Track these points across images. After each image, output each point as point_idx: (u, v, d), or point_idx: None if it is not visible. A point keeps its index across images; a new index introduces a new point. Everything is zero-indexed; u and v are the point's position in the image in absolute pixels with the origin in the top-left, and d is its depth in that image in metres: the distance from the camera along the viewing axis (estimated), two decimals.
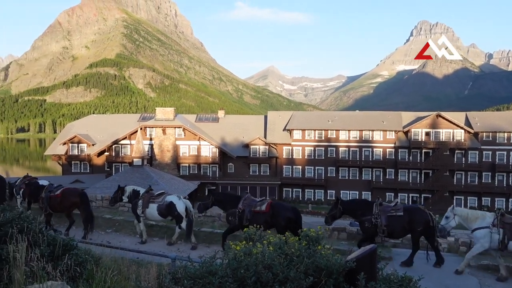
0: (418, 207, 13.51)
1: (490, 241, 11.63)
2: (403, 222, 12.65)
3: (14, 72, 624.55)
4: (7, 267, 4.87)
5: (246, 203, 13.67)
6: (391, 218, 12.71)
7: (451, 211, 12.38)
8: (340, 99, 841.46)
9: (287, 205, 14.55)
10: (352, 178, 61.54)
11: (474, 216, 12.25)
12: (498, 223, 11.61)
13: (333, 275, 4.05)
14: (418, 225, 12.56)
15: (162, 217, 15.16)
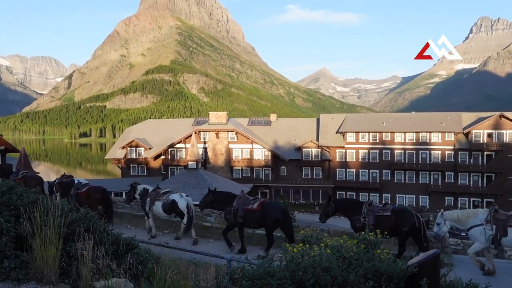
0: (405, 208, 13.97)
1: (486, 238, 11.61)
2: (390, 222, 12.93)
3: (77, 80, 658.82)
4: (75, 263, 5.12)
5: (240, 201, 14.21)
6: (379, 218, 13.10)
7: (441, 216, 12.38)
8: (395, 101, 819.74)
9: (278, 206, 14.68)
10: (409, 181, 59.64)
11: (465, 216, 12.27)
12: (491, 219, 11.59)
13: (394, 280, 3.95)
14: (404, 225, 12.80)
15: (166, 213, 16.19)
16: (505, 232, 11.43)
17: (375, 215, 13.21)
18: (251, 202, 14.20)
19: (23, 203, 5.87)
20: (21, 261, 5.04)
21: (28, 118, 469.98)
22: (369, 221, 13.12)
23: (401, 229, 12.93)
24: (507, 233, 11.39)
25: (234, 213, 14.10)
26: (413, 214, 13.17)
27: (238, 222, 14.06)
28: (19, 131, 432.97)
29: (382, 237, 5.49)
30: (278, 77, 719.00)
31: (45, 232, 5.07)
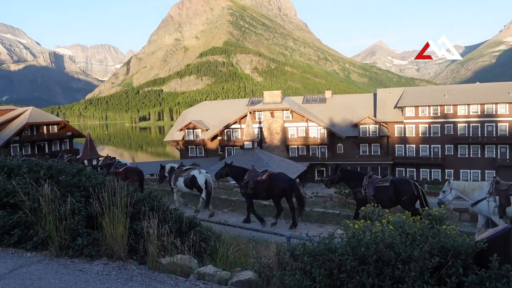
0: (404, 179, 14.30)
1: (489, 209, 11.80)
2: (389, 192, 13.45)
3: (135, 66, 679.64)
4: (142, 241, 5.36)
5: (251, 175, 15.56)
6: (378, 188, 13.67)
7: (448, 185, 12.61)
8: (457, 72, 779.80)
9: (285, 177, 15.77)
10: (473, 156, 56.91)
11: (470, 188, 12.42)
12: (493, 191, 11.79)
13: (461, 256, 3.80)
14: (403, 194, 13.22)
15: (188, 188, 17.29)
16: (508, 201, 11.63)
17: (375, 186, 13.71)
18: (260, 174, 15.48)
19: (91, 184, 6.20)
20: (93, 239, 5.34)
21: (91, 105, 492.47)
22: (369, 192, 13.68)
23: (400, 199, 13.35)
24: (510, 202, 11.59)
25: (245, 185, 15.42)
26: (411, 183, 13.43)
27: (249, 193, 15.30)
28: (83, 117, 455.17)
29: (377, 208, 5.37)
30: (332, 53, 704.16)
31: (113, 211, 5.33)
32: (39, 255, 5.32)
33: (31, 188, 5.87)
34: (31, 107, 65.58)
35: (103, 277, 4.74)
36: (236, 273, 4.91)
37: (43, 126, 61.89)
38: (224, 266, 5.59)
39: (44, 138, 61.63)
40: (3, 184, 5.93)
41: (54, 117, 73.40)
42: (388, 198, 13.54)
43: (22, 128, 57.85)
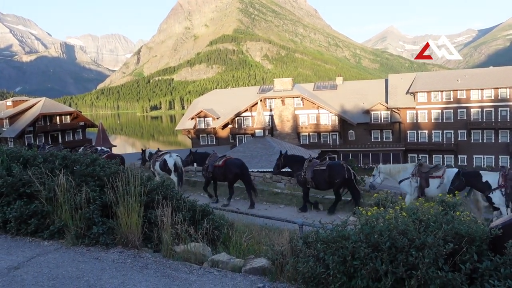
0: (338, 163, 15.43)
1: (413, 189, 13.00)
2: (325, 175, 14.74)
3: (145, 55, 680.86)
4: (156, 229, 5.43)
5: (211, 160, 17.14)
6: (316, 172, 14.92)
7: (376, 169, 14.18)
8: (470, 56, 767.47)
9: (238, 162, 17.14)
10: (487, 141, 56.26)
11: (396, 170, 13.92)
12: (416, 173, 13.05)
13: (476, 243, 3.80)
14: (336, 177, 14.57)
15: (163, 171, 18.69)
16: (427, 183, 12.84)
17: (313, 170, 14.95)
18: (218, 160, 17.01)
19: (106, 173, 6.27)
20: (108, 227, 5.42)
21: (103, 95, 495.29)
22: (308, 175, 14.95)
23: (333, 181, 14.72)
24: (429, 184, 12.79)
25: (205, 169, 17.28)
26: (344, 167, 14.70)
27: (208, 176, 17.14)
28: (95, 107, 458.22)
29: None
30: (343, 39, 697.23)
31: (127, 200, 5.40)
32: (56, 243, 5.43)
33: (46, 178, 5.96)
34: (44, 98, 66.25)
35: (118, 265, 4.82)
36: (249, 261, 4.95)
37: (56, 117, 62.53)
38: (238, 254, 5.64)
39: (57, 128, 62.31)
40: (19, 174, 6.02)
41: (67, 107, 74.07)
42: (324, 180, 14.88)
43: (35, 118, 58.53)
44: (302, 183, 15.44)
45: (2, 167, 6.44)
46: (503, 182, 11.12)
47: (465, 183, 11.77)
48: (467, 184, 11.86)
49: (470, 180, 11.77)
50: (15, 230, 5.60)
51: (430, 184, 12.85)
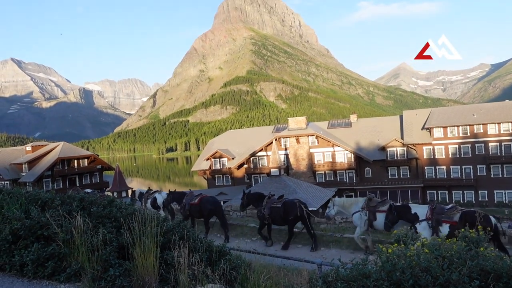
0: (293, 201, 16.26)
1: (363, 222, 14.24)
2: (280, 212, 15.93)
3: (161, 98, 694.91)
4: (172, 270, 5.34)
5: (187, 198, 18.47)
6: (273, 209, 16.13)
7: (331, 202, 15.68)
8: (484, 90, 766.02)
9: (212, 200, 18.56)
10: (507, 175, 55.13)
11: (348, 203, 15.29)
12: (365, 207, 14.30)
13: (503, 279, 3.66)
14: (290, 214, 15.67)
15: (154, 208, 20.25)
16: (374, 216, 13.96)
17: (270, 207, 16.20)
18: (194, 198, 18.29)
19: (122, 214, 6.26)
20: (124, 269, 5.35)
21: (120, 138, 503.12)
22: (266, 211, 16.19)
23: (287, 218, 15.80)
24: (376, 217, 13.88)
25: (183, 207, 18.40)
26: (297, 205, 15.70)
27: (185, 214, 18.29)
28: (112, 150, 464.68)
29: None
30: (356, 77, 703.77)
31: (144, 241, 5.35)
32: (73, 286, 5.37)
33: (64, 220, 5.98)
34: (62, 142, 67.50)
35: None
36: None
37: (74, 160, 63.43)
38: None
39: (75, 172, 63.08)
40: (37, 217, 6.06)
41: (84, 151, 75.21)
42: (279, 216, 16.01)
43: (54, 162, 59.43)
44: (261, 218, 16.76)
45: (21, 210, 6.49)
46: (429, 214, 12.41)
47: (397, 216, 12.98)
48: (399, 217, 12.98)
49: (401, 213, 12.99)
50: (32, 274, 5.56)
51: (377, 218, 13.90)
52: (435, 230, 12.12)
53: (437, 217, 12.26)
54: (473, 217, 11.80)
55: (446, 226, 12.11)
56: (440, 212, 12.40)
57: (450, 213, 12.33)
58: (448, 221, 12.18)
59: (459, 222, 11.89)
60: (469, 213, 12.17)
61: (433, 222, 12.26)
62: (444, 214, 12.34)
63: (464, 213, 12.23)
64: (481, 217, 11.75)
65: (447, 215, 12.29)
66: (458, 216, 12.15)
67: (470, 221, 11.58)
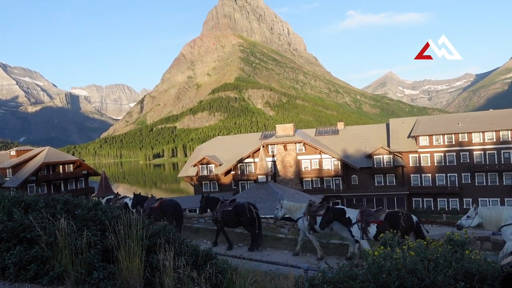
0: (243, 204, 17.05)
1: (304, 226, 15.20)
2: (232, 215, 16.80)
3: (148, 104, 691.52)
4: (158, 274, 5.28)
5: (148, 202, 18.85)
6: (224, 212, 17.02)
7: (279, 204, 16.76)
8: (469, 100, 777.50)
9: (173, 203, 19.09)
10: (491, 184, 55.89)
11: (294, 208, 16.22)
12: (307, 212, 15.28)
13: (488, 281, 3.68)
14: (240, 216, 16.53)
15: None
16: (315, 220, 14.83)
17: (222, 210, 17.08)
18: (155, 202, 18.69)
19: (107, 217, 6.19)
20: (109, 273, 5.27)
21: (106, 143, 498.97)
22: (218, 215, 17.12)
23: (239, 220, 16.63)
24: (316, 221, 14.68)
25: (143, 211, 18.49)
26: (246, 208, 16.59)
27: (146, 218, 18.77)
28: (98, 155, 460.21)
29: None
30: (343, 85, 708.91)
31: (129, 244, 5.29)
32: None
33: (47, 222, 5.88)
34: (48, 147, 66.66)
35: None
36: None
37: (59, 166, 62.67)
38: None
39: (60, 177, 62.29)
40: (20, 219, 5.95)
41: (70, 156, 74.37)
42: (231, 219, 16.85)
43: (38, 167, 58.66)
44: (215, 221, 17.65)
45: (3, 212, 6.38)
46: (359, 217, 13.43)
47: (332, 218, 13.96)
48: (334, 218, 13.99)
49: (336, 215, 13.94)
50: (14, 277, 5.45)
51: (317, 221, 14.70)
52: (364, 231, 13.28)
53: (366, 219, 13.40)
54: (397, 217, 12.96)
55: (374, 226, 13.26)
56: (368, 214, 13.57)
57: (376, 214, 13.51)
58: (375, 221, 13.29)
59: (384, 221, 13.06)
60: (393, 214, 13.34)
61: (362, 224, 13.37)
62: (372, 215, 13.50)
63: (389, 213, 13.40)
64: (404, 216, 12.91)
65: (374, 216, 13.44)
66: (383, 216, 13.30)
67: (394, 220, 12.89)
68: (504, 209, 12.30)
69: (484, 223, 12.31)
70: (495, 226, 12.17)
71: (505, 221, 11.79)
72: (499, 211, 12.28)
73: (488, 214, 12.20)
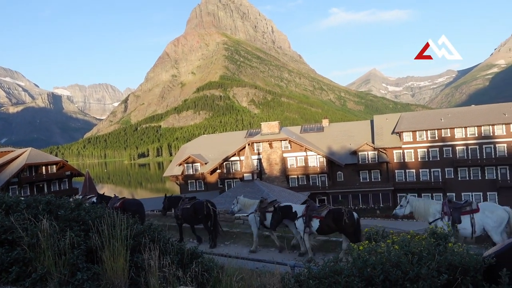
0: (201, 202, 17.70)
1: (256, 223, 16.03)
2: (190, 212, 17.55)
3: (132, 103, 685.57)
4: (143, 273, 5.24)
5: (111, 202, 18.89)
6: (184, 209, 17.84)
7: (235, 199, 17.62)
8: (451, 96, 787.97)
9: (134, 202, 19.57)
10: (474, 178, 56.78)
11: (248, 204, 17.01)
12: (258, 208, 16.09)
13: (470, 273, 3.73)
14: (198, 213, 17.24)
15: None
16: (265, 216, 15.61)
17: (182, 208, 17.95)
18: (116, 202, 18.89)
19: (91, 217, 6.11)
20: (93, 273, 5.21)
21: (90, 143, 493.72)
22: (178, 212, 18.04)
23: (197, 217, 17.33)
24: (266, 217, 15.51)
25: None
26: (204, 205, 17.21)
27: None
28: (82, 156, 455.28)
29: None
30: (327, 83, 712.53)
31: (113, 244, 5.24)
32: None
33: (29, 223, 5.79)
34: (30, 148, 65.66)
35: None
36: None
37: (42, 167, 61.77)
38: None
39: (43, 178, 61.40)
40: (0, 221, 5.84)
41: (53, 157, 73.36)
42: (190, 216, 17.57)
43: (21, 169, 57.74)
44: (176, 218, 18.48)
45: None
46: (304, 212, 14.30)
47: (281, 216, 14.76)
48: (283, 216, 14.79)
49: (284, 213, 14.78)
50: None
51: (266, 217, 15.48)
52: (307, 225, 14.17)
53: (310, 214, 14.25)
54: (340, 214, 13.65)
55: (317, 221, 14.11)
56: (312, 209, 14.42)
57: (319, 210, 14.31)
58: (317, 216, 14.11)
59: (326, 217, 13.92)
60: (335, 210, 14.02)
61: (306, 218, 14.23)
62: (315, 211, 14.31)
63: (331, 210, 14.16)
64: (347, 214, 13.56)
65: (317, 212, 14.25)
66: (325, 212, 14.08)
67: (337, 216, 13.67)
68: (432, 203, 12.98)
69: (414, 212, 13.13)
70: (423, 217, 12.92)
71: (433, 216, 12.49)
72: (427, 204, 12.96)
73: (417, 205, 13.03)
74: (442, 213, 12.32)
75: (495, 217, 11.51)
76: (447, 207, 12.39)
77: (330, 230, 14.31)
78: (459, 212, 12.16)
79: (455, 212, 12.17)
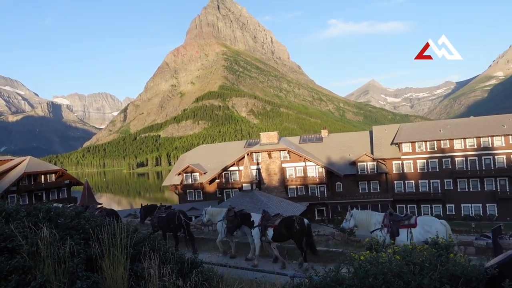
0: (174, 212, 18.47)
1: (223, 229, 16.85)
2: (164, 221, 18.34)
3: (132, 112, 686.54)
4: (143, 282, 5.21)
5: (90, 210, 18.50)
6: (159, 218, 18.67)
7: (204, 210, 18.31)
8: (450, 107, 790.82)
9: (111, 212, 19.44)
10: (473, 189, 56.69)
11: (216, 212, 17.88)
12: (225, 216, 16.85)
13: (472, 284, 3.72)
14: (170, 223, 18.07)
15: None
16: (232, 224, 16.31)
17: (158, 217, 18.73)
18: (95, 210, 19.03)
19: (91, 226, 6.09)
20: (92, 282, 5.18)
21: (89, 152, 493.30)
22: (155, 220, 18.90)
23: (169, 226, 18.12)
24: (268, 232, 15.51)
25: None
26: (176, 215, 18.05)
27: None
28: (81, 165, 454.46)
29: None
30: (326, 93, 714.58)
31: (113, 253, 5.22)
32: None
33: (29, 231, 5.76)
34: (29, 157, 65.53)
35: None
36: None
37: (41, 175, 61.62)
38: None
39: (41, 187, 61.23)
40: (0, 228, 5.82)
41: (52, 165, 73.18)
42: (164, 224, 18.26)
43: (19, 177, 57.60)
44: (152, 226, 19.10)
45: None
46: (260, 221, 15.21)
47: (240, 222, 15.80)
48: (242, 222, 15.82)
49: (243, 220, 15.81)
50: None
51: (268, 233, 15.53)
52: (263, 234, 15.06)
53: (265, 223, 15.12)
54: (291, 221, 14.56)
55: (271, 230, 14.94)
56: (267, 219, 15.34)
57: (273, 219, 15.24)
58: (272, 225, 14.96)
59: (279, 225, 14.76)
60: (287, 218, 14.98)
61: (262, 227, 15.08)
62: (270, 220, 15.21)
63: (283, 218, 15.11)
64: (298, 220, 14.50)
65: (271, 221, 15.13)
66: (278, 221, 14.96)
67: (289, 223, 14.54)
68: (374, 215, 13.49)
69: (358, 225, 13.69)
70: (366, 228, 13.38)
71: (374, 226, 12.98)
72: (369, 216, 13.48)
73: (360, 217, 13.62)
74: (382, 224, 12.77)
75: (434, 231, 11.59)
76: (387, 219, 12.85)
77: (284, 238, 15.03)
78: (397, 225, 12.61)
79: (394, 225, 12.61)
